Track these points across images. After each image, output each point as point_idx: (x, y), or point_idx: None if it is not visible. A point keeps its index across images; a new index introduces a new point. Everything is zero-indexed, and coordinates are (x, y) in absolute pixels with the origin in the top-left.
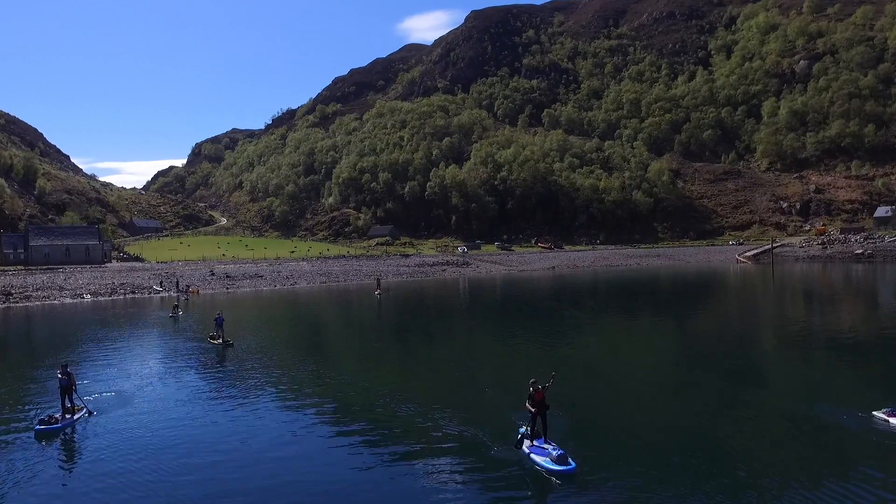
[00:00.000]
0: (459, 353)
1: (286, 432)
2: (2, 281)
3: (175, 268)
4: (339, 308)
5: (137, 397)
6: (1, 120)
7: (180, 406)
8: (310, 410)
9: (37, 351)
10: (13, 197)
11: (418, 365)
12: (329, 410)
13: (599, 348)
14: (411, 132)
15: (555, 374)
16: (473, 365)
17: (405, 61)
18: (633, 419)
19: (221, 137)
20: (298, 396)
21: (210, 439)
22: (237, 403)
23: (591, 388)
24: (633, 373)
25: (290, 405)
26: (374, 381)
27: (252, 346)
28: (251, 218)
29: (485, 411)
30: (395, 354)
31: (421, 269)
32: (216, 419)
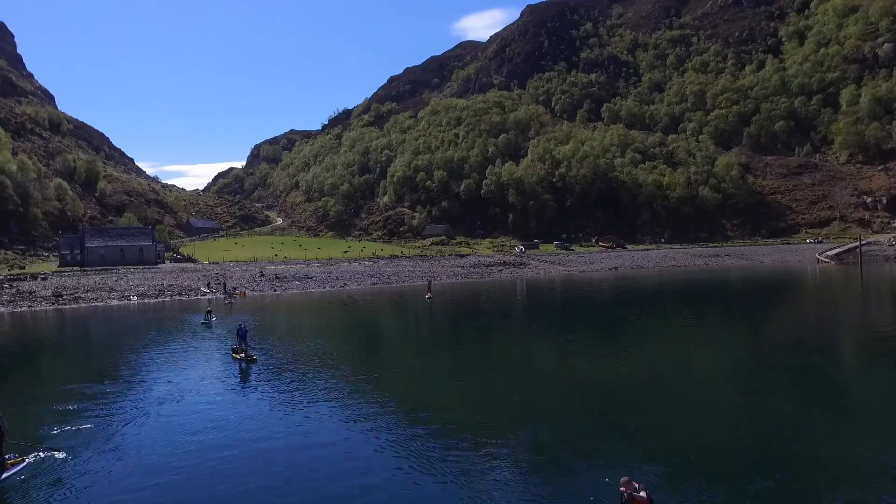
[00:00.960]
0: (512, 363)
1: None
2: (57, 282)
3: (226, 269)
4: (386, 312)
5: (114, 437)
6: (70, 125)
7: (162, 453)
8: (340, 443)
9: (37, 363)
10: (75, 199)
11: (464, 380)
12: (362, 440)
13: (666, 359)
14: (467, 129)
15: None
16: (527, 378)
17: (460, 58)
18: (704, 442)
19: (279, 139)
20: (325, 430)
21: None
22: (238, 453)
23: (656, 406)
24: (703, 388)
25: (314, 445)
26: (414, 398)
27: (279, 362)
28: (306, 218)
29: (536, 427)
30: (441, 369)
31: (476, 269)
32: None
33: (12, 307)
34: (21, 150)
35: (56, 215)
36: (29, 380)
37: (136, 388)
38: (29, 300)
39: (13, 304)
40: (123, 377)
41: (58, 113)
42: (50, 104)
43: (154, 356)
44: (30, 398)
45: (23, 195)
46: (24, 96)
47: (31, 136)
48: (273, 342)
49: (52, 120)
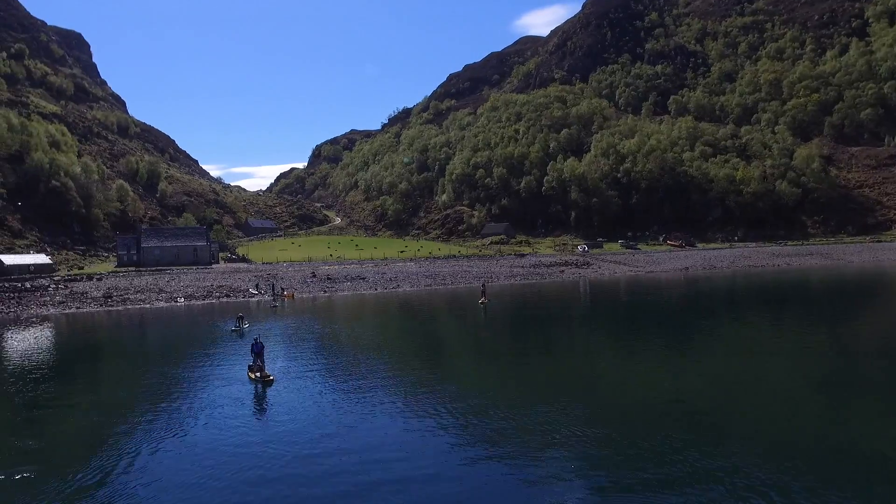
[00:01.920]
0: (572, 372)
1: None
2: (110, 283)
3: (278, 269)
4: (437, 316)
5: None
6: (137, 129)
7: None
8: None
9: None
10: (136, 199)
11: (517, 389)
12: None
13: (740, 370)
14: (527, 125)
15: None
16: (587, 388)
17: (520, 54)
18: (777, 465)
19: (340, 139)
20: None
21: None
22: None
23: (725, 421)
24: (779, 403)
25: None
26: (461, 414)
27: (299, 382)
28: (365, 217)
29: (596, 439)
30: (492, 381)
31: (536, 270)
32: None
33: (62, 308)
34: (87, 152)
35: (117, 216)
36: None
37: (104, 423)
38: (79, 301)
39: (63, 304)
40: (98, 404)
41: (126, 117)
42: (121, 109)
43: (158, 375)
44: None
45: (85, 196)
46: (96, 102)
47: (98, 140)
48: (306, 351)
49: (120, 124)
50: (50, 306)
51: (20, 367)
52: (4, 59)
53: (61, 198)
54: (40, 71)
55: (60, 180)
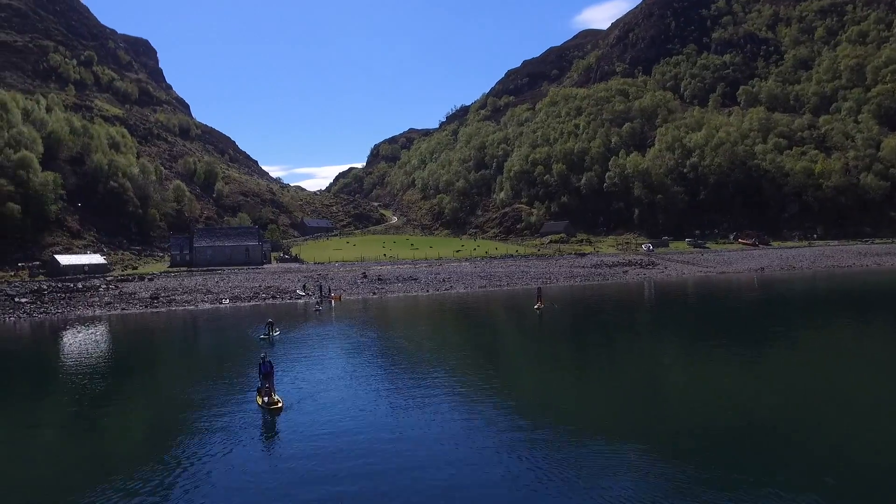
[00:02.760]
0: (632, 387)
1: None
2: (159, 283)
3: (329, 269)
4: (488, 324)
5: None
6: (198, 130)
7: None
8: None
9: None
10: (192, 200)
11: (577, 402)
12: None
13: (824, 386)
14: (588, 119)
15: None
16: (647, 407)
17: (580, 48)
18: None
19: (398, 138)
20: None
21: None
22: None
23: (801, 440)
24: (867, 420)
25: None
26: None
27: (314, 407)
28: (422, 216)
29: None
30: (547, 393)
31: (598, 270)
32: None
33: (108, 309)
34: (146, 154)
35: (174, 216)
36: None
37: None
38: (126, 302)
39: (110, 305)
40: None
41: (188, 119)
42: (184, 112)
43: (147, 397)
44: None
45: (142, 197)
46: (160, 105)
47: (157, 141)
48: (338, 367)
49: (182, 126)
50: (97, 307)
51: (28, 381)
52: (75, 66)
53: (119, 198)
54: (107, 76)
55: (118, 181)
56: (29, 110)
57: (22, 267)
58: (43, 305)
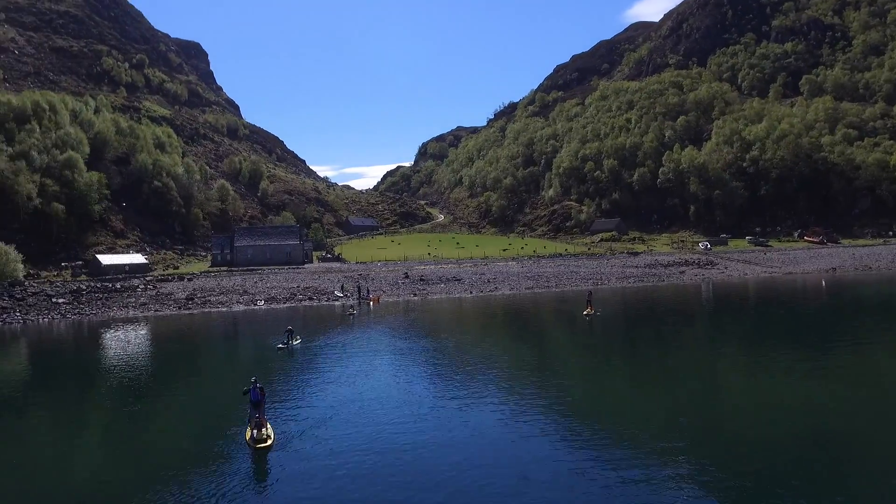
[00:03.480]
0: (692, 408)
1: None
2: (198, 284)
3: (371, 269)
4: (533, 330)
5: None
6: (246, 130)
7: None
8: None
9: None
10: (236, 199)
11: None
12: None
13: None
14: (640, 113)
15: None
16: (708, 425)
17: (631, 41)
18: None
19: (446, 136)
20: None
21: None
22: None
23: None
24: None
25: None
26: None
27: (315, 445)
28: (469, 214)
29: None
30: (597, 410)
31: (652, 270)
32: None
33: (142, 310)
34: (192, 153)
35: (217, 215)
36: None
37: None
38: (161, 303)
39: (144, 307)
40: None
41: (236, 119)
42: (233, 113)
43: (124, 427)
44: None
45: (186, 196)
46: (209, 106)
47: (203, 141)
48: (356, 380)
49: (230, 126)
50: (131, 308)
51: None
52: (126, 69)
53: (163, 198)
54: (158, 79)
55: (162, 180)
56: (77, 111)
57: (65, 267)
58: (79, 306)
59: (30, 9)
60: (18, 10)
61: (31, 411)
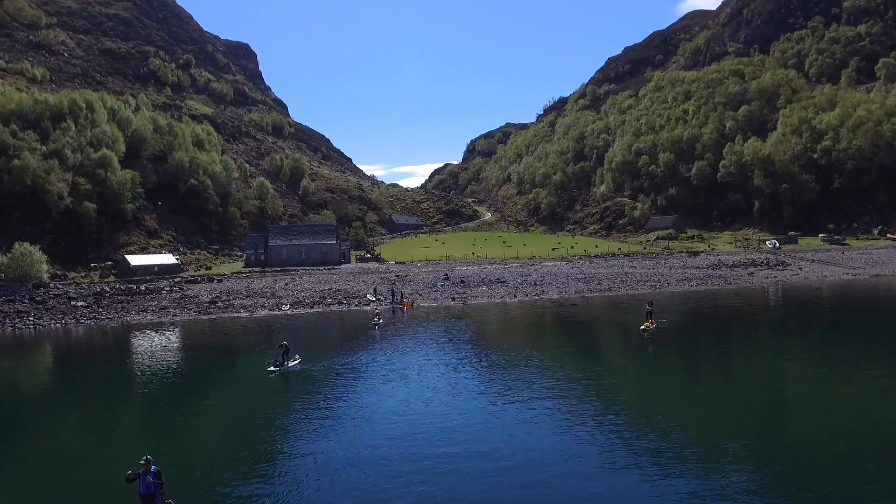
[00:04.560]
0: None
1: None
2: (226, 286)
3: (410, 270)
4: (583, 346)
5: None
6: (291, 129)
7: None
8: None
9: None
10: (275, 197)
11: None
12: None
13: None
14: (698, 103)
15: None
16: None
17: (687, 30)
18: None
19: (494, 132)
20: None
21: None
22: None
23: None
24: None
25: None
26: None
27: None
28: (517, 212)
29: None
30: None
31: (716, 272)
32: None
33: (159, 315)
34: (232, 151)
35: (255, 214)
36: None
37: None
38: (182, 307)
39: (164, 311)
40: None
41: (281, 118)
42: (279, 112)
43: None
44: None
45: (222, 195)
46: (255, 105)
47: (245, 139)
48: (350, 430)
49: (275, 125)
50: (150, 312)
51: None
52: (173, 69)
53: (199, 196)
54: (204, 78)
55: (199, 178)
56: (116, 110)
57: (94, 267)
58: (96, 310)
59: (81, 12)
60: (70, 15)
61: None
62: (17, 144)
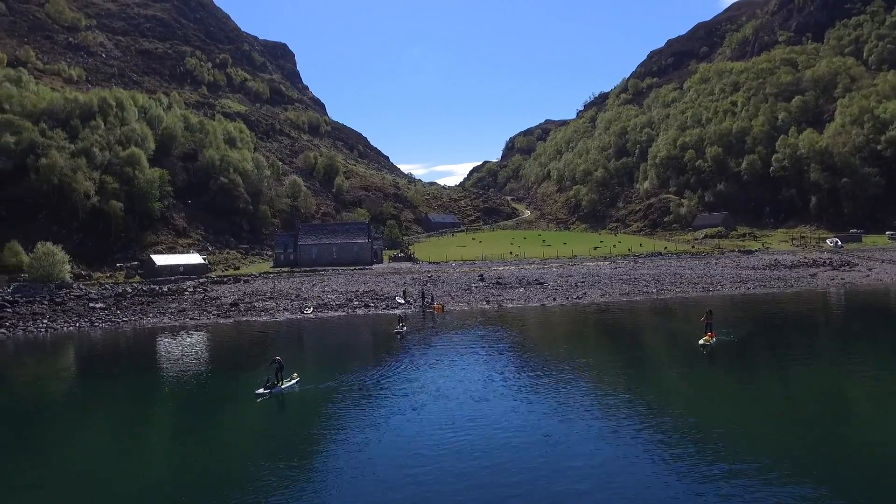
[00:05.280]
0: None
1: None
2: (251, 287)
3: (444, 270)
4: (631, 363)
5: None
6: (328, 127)
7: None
8: None
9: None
10: (308, 195)
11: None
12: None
13: None
14: (747, 94)
15: None
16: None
17: (733, 21)
18: None
19: (534, 129)
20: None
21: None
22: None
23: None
24: None
25: None
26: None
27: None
28: (557, 210)
29: None
30: None
31: (775, 273)
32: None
33: (176, 318)
34: (266, 149)
35: (287, 212)
36: None
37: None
38: (201, 310)
39: (182, 314)
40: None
41: (318, 116)
42: (316, 111)
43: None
44: None
45: (253, 193)
46: (291, 104)
47: (279, 137)
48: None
49: (311, 123)
50: (168, 315)
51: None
52: (209, 69)
53: (229, 194)
54: (240, 77)
55: (229, 176)
56: (146, 108)
57: (119, 267)
58: (113, 312)
59: (120, 14)
60: (109, 17)
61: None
62: (45, 143)
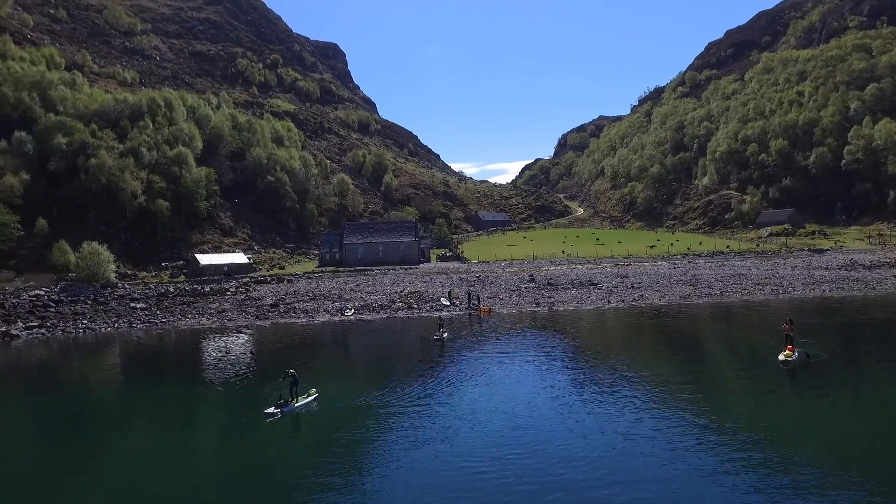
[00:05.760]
0: None
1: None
2: (294, 287)
3: (493, 270)
4: (698, 381)
5: None
6: (377, 126)
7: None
8: None
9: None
10: (356, 193)
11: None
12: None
13: None
14: (815, 84)
15: None
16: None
17: (797, 8)
18: None
19: (587, 126)
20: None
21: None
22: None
23: None
24: None
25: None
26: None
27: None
28: (611, 207)
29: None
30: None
31: (852, 274)
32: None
33: (215, 320)
34: (314, 147)
35: (335, 211)
36: None
37: None
38: (241, 311)
39: (222, 315)
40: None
41: (368, 115)
42: (366, 110)
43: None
44: None
45: (300, 191)
46: (341, 103)
47: (328, 135)
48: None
49: (361, 122)
50: (207, 317)
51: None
52: (260, 69)
53: (276, 193)
54: (290, 77)
55: (276, 175)
56: (195, 107)
57: (165, 267)
58: (153, 313)
59: (174, 18)
60: (164, 21)
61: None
62: (95, 143)
